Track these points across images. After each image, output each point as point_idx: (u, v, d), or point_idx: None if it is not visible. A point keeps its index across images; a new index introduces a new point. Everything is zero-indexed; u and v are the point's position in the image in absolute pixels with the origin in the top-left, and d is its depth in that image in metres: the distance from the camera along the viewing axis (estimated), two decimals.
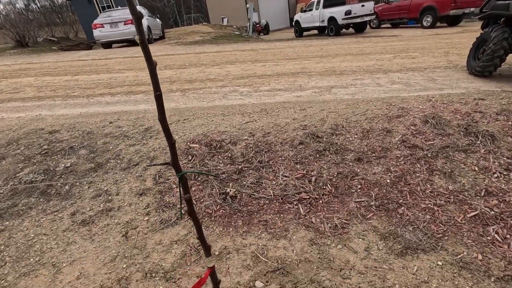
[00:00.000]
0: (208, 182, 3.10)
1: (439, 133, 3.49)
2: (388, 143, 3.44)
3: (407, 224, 2.48)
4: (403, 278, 2.02)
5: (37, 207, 2.98)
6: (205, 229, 2.56)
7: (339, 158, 3.31)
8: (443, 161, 3.14)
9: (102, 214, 2.83)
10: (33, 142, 4.03)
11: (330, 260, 2.21)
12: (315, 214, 2.67)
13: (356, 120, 3.86)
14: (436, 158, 3.19)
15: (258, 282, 2.05)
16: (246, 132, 3.78)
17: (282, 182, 3.05)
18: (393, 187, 2.92)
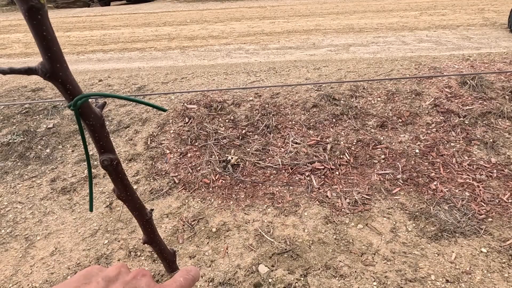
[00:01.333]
0: (206, 147, 2.69)
1: (479, 96, 2.95)
2: (418, 107, 2.94)
3: (442, 202, 2.07)
4: (439, 267, 1.65)
5: (13, 172, 2.64)
6: (202, 202, 2.20)
7: (359, 124, 2.84)
8: (484, 130, 2.66)
9: (86, 182, 2.48)
10: (14, 100, 3.62)
11: (348, 242, 1.84)
12: (331, 187, 2.27)
13: (379, 82, 3.32)
14: (475, 126, 2.70)
15: (262, 266, 1.71)
16: (252, 92, 3.29)
17: (292, 149, 2.62)
18: (423, 158, 2.48)
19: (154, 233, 0.42)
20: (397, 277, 1.61)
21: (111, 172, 0.35)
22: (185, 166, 2.56)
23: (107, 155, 0.33)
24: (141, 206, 0.39)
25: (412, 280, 1.59)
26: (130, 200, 0.38)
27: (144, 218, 0.40)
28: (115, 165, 0.34)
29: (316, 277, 1.64)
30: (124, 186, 0.37)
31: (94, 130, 0.32)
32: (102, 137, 0.32)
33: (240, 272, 1.69)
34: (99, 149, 0.33)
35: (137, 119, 3.15)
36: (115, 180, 0.36)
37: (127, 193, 0.37)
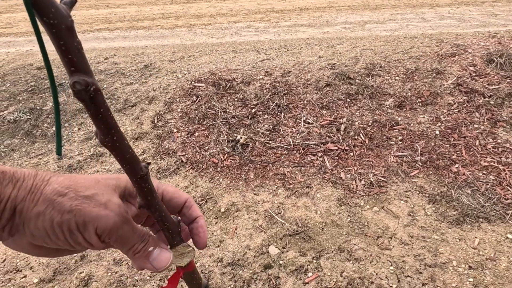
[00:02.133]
0: (215, 127, 2.59)
1: (507, 75, 2.75)
2: (439, 86, 2.76)
3: (464, 186, 1.95)
4: (461, 253, 1.55)
5: (20, 149, 2.61)
6: (210, 182, 2.13)
7: (375, 104, 2.69)
8: (510, 111, 2.48)
9: (92, 160, 2.43)
10: (20, 78, 3.56)
11: (363, 225, 1.75)
12: (345, 169, 2.16)
13: (397, 59, 3.13)
14: (501, 107, 2.52)
15: (273, 248, 1.64)
16: (262, 70, 3.15)
17: (304, 129, 2.50)
18: (444, 140, 2.33)
19: (152, 194, 0.33)
20: (416, 262, 1.53)
21: (88, 104, 0.25)
22: (192, 145, 2.48)
23: (79, 76, 0.23)
24: (133, 158, 0.30)
25: (432, 265, 1.50)
26: (117, 148, 0.28)
27: (137, 173, 0.30)
28: (92, 93, 0.24)
29: (329, 260, 1.57)
30: (108, 127, 0.27)
31: (58, 36, 0.22)
32: (71, 47, 0.22)
33: (250, 253, 1.63)
34: (68, 66, 0.23)
35: (143, 97, 3.07)
36: (94, 116, 0.26)
37: (113, 137, 0.27)
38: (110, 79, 3.40)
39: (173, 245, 0.38)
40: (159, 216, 0.35)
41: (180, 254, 0.38)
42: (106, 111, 0.26)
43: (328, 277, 1.49)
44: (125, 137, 0.29)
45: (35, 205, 0.29)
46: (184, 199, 0.41)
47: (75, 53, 0.23)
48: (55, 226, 0.30)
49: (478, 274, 1.45)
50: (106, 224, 0.31)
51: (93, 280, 1.55)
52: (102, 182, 0.33)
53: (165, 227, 0.36)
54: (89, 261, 1.65)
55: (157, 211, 0.34)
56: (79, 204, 0.30)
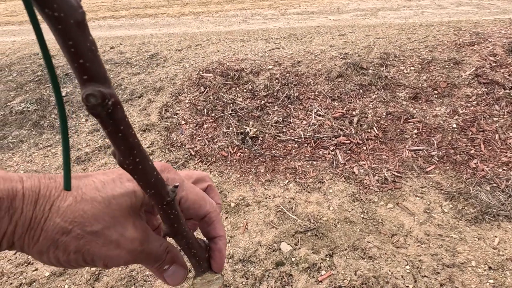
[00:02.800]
0: (223, 119, 2.54)
1: None
2: (456, 77, 2.64)
3: (483, 182, 1.88)
4: (480, 253, 1.50)
5: (28, 141, 2.59)
6: (219, 175, 2.09)
7: (389, 95, 2.59)
8: None
9: (100, 152, 2.41)
10: (26, 68, 3.53)
11: (377, 222, 1.70)
12: (358, 163, 2.10)
13: (412, 49, 3.00)
14: None
15: (285, 244, 1.61)
16: (271, 60, 3.06)
17: (315, 122, 2.43)
18: (461, 134, 2.25)
19: (179, 221, 0.28)
20: (433, 262, 1.48)
21: (104, 121, 0.19)
22: (201, 137, 2.43)
23: (94, 87, 0.18)
24: (158, 181, 0.24)
25: (450, 265, 1.45)
26: (140, 171, 0.23)
27: (164, 199, 0.25)
28: (110, 108, 0.19)
29: (342, 257, 1.53)
30: (129, 147, 0.21)
31: (65, 33, 0.16)
32: (83, 48, 0.17)
33: (261, 250, 1.60)
34: (79, 73, 0.18)
35: (150, 88, 3.01)
36: (112, 135, 0.21)
37: (136, 158, 0.22)
38: (116, 69, 3.34)
39: (200, 272, 0.33)
40: (185, 244, 0.30)
41: (207, 281, 0.33)
42: (127, 128, 0.21)
43: (342, 275, 1.45)
44: (149, 158, 0.24)
45: (35, 243, 0.26)
46: (204, 213, 0.35)
47: (88, 56, 0.17)
48: (62, 262, 0.27)
49: (499, 275, 1.40)
50: (118, 262, 0.29)
51: (103, 275, 1.54)
52: (114, 204, 0.29)
53: (191, 254, 0.31)
54: None
55: (184, 238, 0.29)
56: (86, 243, 0.27)
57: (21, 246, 0.26)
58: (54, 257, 0.26)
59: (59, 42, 0.17)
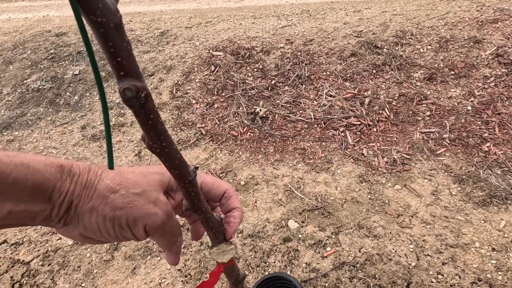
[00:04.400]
0: (234, 98, 2.55)
1: None
2: (475, 57, 2.54)
3: (494, 166, 1.86)
4: (484, 235, 1.53)
5: (46, 118, 2.68)
6: (229, 154, 2.14)
7: (404, 76, 2.53)
8: None
9: (114, 130, 2.48)
10: (39, 45, 3.57)
11: (384, 202, 1.74)
12: (367, 145, 2.10)
13: (431, 26, 2.87)
14: None
15: (292, 222, 1.67)
16: (283, 38, 2.99)
17: (326, 102, 2.42)
18: (476, 117, 2.20)
19: (198, 197, 0.31)
20: (437, 242, 1.52)
21: (137, 110, 0.22)
22: (212, 117, 2.46)
23: (130, 81, 0.20)
24: (181, 163, 0.28)
25: (454, 245, 1.49)
26: (166, 154, 0.26)
27: (186, 179, 0.29)
28: (143, 99, 0.21)
29: (348, 235, 1.59)
30: (158, 133, 0.25)
31: (106, 36, 0.19)
32: (120, 48, 0.19)
33: (269, 226, 1.67)
34: (117, 70, 0.20)
35: (161, 66, 3.02)
36: (144, 123, 0.24)
37: (162, 143, 0.25)
38: None
39: (216, 243, 0.37)
40: (204, 218, 0.33)
41: (222, 251, 0.37)
42: (156, 116, 0.24)
43: (346, 252, 1.51)
44: (174, 142, 0.27)
45: (90, 200, 0.30)
46: (223, 190, 0.42)
47: (125, 55, 0.20)
48: (107, 221, 0.31)
49: (502, 256, 1.43)
50: (155, 221, 0.33)
51: (122, 245, 1.65)
52: (149, 177, 0.34)
53: (209, 227, 0.35)
54: None
55: (202, 213, 0.33)
56: (130, 202, 0.31)
57: (77, 204, 0.30)
58: (102, 215, 0.31)
59: (101, 43, 0.19)
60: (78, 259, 1.63)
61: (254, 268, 1.48)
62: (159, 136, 0.25)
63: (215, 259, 0.37)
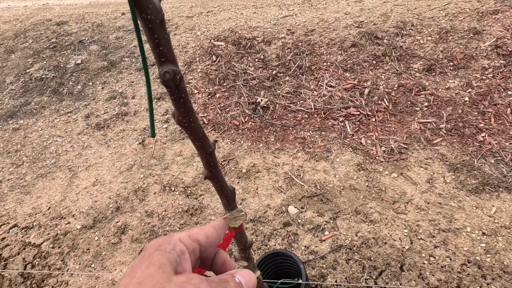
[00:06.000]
0: (235, 88, 2.58)
1: None
2: (474, 48, 2.57)
3: (488, 155, 1.92)
4: (476, 220, 1.60)
5: (50, 107, 2.72)
6: (231, 143, 2.20)
7: (403, 67, 2.56)
8: None
9: (118, 119, 2.53)
10: (41, 34, 3.57)
11: (381, 190, 1.80)
12: (366, 135, 2.16)
13: (432, 17, 2.89)
14: None
15: (292, 208, 1.74)
16: (284, 28, 3.01)
17: (326, 93, 2.46)
18: (472, 108, 2.24)
19: (216, 167, 0.37)
20: (430, 226, 1.59)
21: (172, 90, 0.27)
22: (213, 107, 2.50)
23: (169, 66, 0.25)
24: (204, 136, 0.33)
25: (446, 230, 1.56)
26: (192, 128, 0.31)
27: (207, 150, 0.34)
28: (178, 81, 0.26)
29: (345, 220, 1.66)
30: (187, 110, 0.30)
31: (152, 29, 0.23)
32: (163, 40, 0.24)
33: (270, 212, 1.74)
34: (159, 57, 0.25)
35: None
36: (177, 101, 0.29)
37: (190, 118, 0.30)
38: (128, 36, 3.35)
39: (228, 209, 0.43)
40: (220, 186, 0.39)
41: (234, 217, 0.43)
42: (186, 96, 0.29)
43: (343, 236, 1.59)
44: (198, 118, 0.32)
45: None
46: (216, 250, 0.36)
47: (166, 45, 0.25)
48: None
49: (491, 240, 1.50)
50: None
51: (128, 229, 1.72)
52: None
53: (223, 195, 0.40)
54: (123, 212, 1.82)
55: (219, 182, 0.38)
56: None
57: None
58: None
59: (148, 35, 0.24)
60: (87, 242, 1.70)
61: (255, 251, 1.56)
62: (187, 112, 0.30)
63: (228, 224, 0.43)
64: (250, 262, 0.55)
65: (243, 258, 0.53)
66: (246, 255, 0.53)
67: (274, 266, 0.85)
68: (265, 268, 0.84)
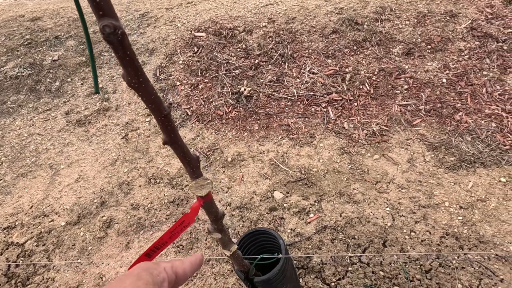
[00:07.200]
0: (218, 79, 2.57)
1: None
2: (451, 31, 2.63)
3: (465, 133, 1.99)
4: (453, 195, 1.66)
5: (27, 105, 2.64)
6: (216, 133, 2.19)
7: (383, 51, 2.60)
8: None
9: (99, 114, 2.48)
10: (14, 31, 3.44)
11: (363, 171, 1.84)
12: (348, 119, 2.19)
13: (410, 1, 2.93)
14: None
15: (277, 193, 1.76)
16: (265, 17, 2.99)
17: (308, 80, 2.47)
18: (450, 89, 2.31)
19: (174, 132, 0.37)
20: (411, 204, 1.64)
21: (116, 47, 0.27)
22: (197, 98, 2.48)
23: (108, 20, 0.25)
24: (157, 98, 0.33)
25: (426, 206, 1.62)
26: (143, 89, 0.31)
27: (161, 113, 0.34)
28: (120, 36, 0.26)
29: (330, 202, 1.69)
30: (135, 69, 0.30)
31: None
32: None
33: (256, 198, 1.75)
34: (97, 10, 0.25)
35: (143, 49, 2.98)
36: (122, 59, 0.29)
37: (139, 78, 0.30)
38: None
39: (194, 177, 0.43)
40: (181, 152, 0.39)
41: (200, 185, 0.44)
42: (132, 54, 0.29)
43: (328, 217, 1.62)
44: (149, 80, 0.32)
45: None
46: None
47: None
48: None
49: (468, 213, 1.57)
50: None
51: (114, 223, 1.71)
52: None
53: (187, 162, 0.41)
54: (109, 207, 1.80)
55: (179, 147, 0.39)
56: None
57: None
58: None
59: None
60: (72, 238, 1.68)
61: None
62: (136, 72, 0.30)
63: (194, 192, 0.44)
64: (224, 234, 0.56)
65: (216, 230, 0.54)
66: (219, 227, 0.54)
67: (255, 245, 0.86)
68: (247, 247, 0.85)
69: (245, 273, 0.74)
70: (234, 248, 0.61)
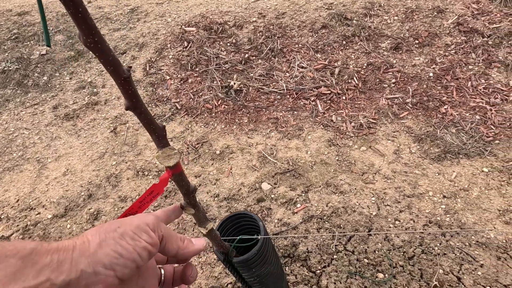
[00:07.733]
0: (208, 73, 2.57)
1: (510, 12, 2.64)
2: (438, 27, 2.67)
3: (450, 126, 2.02)
4: (437, 185, 1.69)
5: (14, 100, 2.61)
6: (205, 126, 2.19)
7: (372, 46, 2.63)
8: (508, 51, 2.44)
9: (88, 108, 2.46)
10: (1, 25, 3.38)
11: (350, 163, 1.87)
12: (336, 112, 2.21)
13: None
14: (499, 47, 2.47)
15: (265, 184, 1.77)
16: (255, 12, 3.00)
17: (297, 74, 2.49)
18: (436, 82, 2.34)
19: (136, 97, 0.38)
20: (396, 193, 1.67)
21: (66, 2, 0.28)
22: (186, 92, 2.48)
23: None
24: (115, 60, 0.34)
25: (410, 195, 1.65)
26: (100, 49, 0.32)
27: (121, 75, 0.35)
28: None
29: (316, 193, 1.71)
30: (89, 28, 0.30)
31: None
32: None
33: (244, 189, 1.76)
34: None
35: (133, 44, 2.96)
36: (75, 15, 0.29)
37: (95, 38, 0.31)
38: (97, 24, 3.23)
39: (159, 146, 0.44)
40: (145, 119, 0.40)
41: (167, 155, 0.44)
42: (85, 11, 0.29)
43: (315, 207, 1.64)
44: (106, 41, 0.33)
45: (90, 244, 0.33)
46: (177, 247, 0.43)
47: None
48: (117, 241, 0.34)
49: (451, 202, 1.60)
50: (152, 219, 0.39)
51: (102, 215, 1.70)
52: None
53: (151, 130, 0.41)
54: (96, 199, 1.79)
55: (142, 113, 0.39)
56: (123, 220, 0.38)
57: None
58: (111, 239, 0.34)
59: None
60: (58, 230, 1.67)
61: None
62: (91, 31, 0.30)
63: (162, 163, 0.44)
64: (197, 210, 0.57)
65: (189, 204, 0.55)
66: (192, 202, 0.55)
67: (237, 229, 0.87)
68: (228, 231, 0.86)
69: (225, 254, 0.74)
70: (210, 226, 0.61)
